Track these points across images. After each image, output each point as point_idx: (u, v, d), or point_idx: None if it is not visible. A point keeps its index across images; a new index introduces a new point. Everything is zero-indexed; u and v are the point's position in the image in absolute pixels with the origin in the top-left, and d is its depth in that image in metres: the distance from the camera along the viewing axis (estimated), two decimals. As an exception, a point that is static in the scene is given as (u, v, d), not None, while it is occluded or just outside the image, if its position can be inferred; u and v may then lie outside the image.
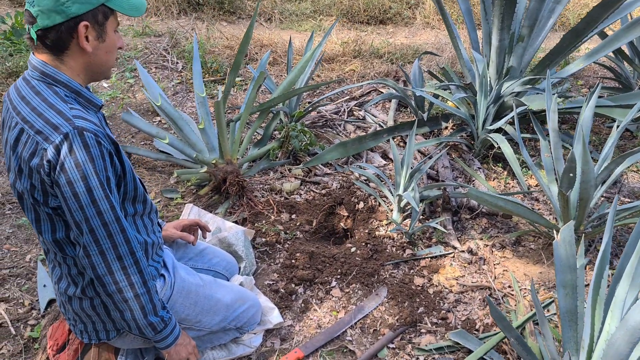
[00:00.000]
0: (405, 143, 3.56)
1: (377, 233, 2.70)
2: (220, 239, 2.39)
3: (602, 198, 2.98)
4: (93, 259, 1.49)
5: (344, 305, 2.30)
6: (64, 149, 1.38)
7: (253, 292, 2.18)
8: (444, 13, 3.67)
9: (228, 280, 2.19)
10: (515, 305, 2.31)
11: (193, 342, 1.80)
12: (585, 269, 2.35)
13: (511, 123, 3.31)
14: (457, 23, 6.26)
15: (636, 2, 3.31)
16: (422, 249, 2.62)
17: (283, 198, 2.96)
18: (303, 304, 2.29)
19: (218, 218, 2.59)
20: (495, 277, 2.48)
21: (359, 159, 3.40)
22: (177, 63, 4.73)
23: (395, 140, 3.55)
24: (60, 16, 1.39)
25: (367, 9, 6.50)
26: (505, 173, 3.27)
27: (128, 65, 4.64)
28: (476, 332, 2.16)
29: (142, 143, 3.51)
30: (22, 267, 2.44)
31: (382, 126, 3.77)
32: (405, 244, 2.63)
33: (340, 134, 3.73)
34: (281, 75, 4.69)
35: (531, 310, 2.24)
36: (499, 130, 3.32)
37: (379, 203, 2.87)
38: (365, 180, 3.12)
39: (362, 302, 2.30)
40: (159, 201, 2.91)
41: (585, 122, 2.54)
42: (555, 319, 2.19)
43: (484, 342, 2.06)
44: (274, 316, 2.13)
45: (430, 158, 3.27)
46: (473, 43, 3.79)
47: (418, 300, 2.31)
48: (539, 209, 2.96)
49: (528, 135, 3.40)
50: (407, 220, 2.76)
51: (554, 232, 2.48)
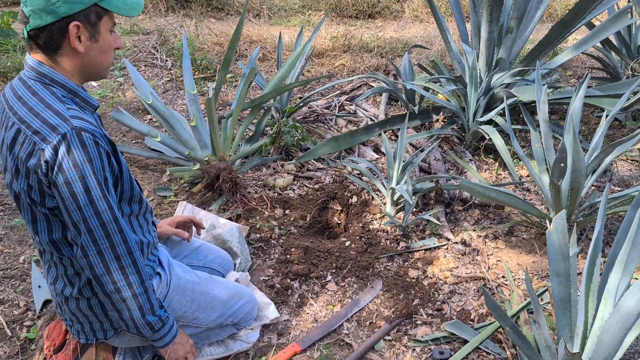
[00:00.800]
0: (397, 136, 3.57)
1: (371, 226, 2.72)
2: (214, 236, 2.39)
3: (593, 187, 3.01)
4: (91, 259, 1.49)
5: (340, 298, 2.31)
6: (62, 149, 1.38)
7: (249, 288, 2.19)
8: (433, 6, 3.68)
9: (224, 276, 2.20)
10: (509, 294, 2.34)
11: (191, 341, 1.80)
12: (577, 258, 2.38)
13: (502, 114, 3.33)
14: (446, 16, 6.28)
15: (623, -8, 3.34)
16: (416, 242, 2.64)
17: (276, 194, 2.97)
18: (299, 299, 2.30)
19: (212, 215, 2.59)
20: (489, 268, 2.50)
21: (351, 153, 3.41)
22: (167, 61, 4.71)
23: (387, 133, 3.56)
24: (50, 16, 1.39)
25: (356, 3, 6.50)
26: (496, 164, 3.29)
27: (117, 63, 4.62)
28: (471, 323, 2.18)
29: (134, 142, 3.50)
30: (16, 269, 2.43)
31: (374, 120, 3.78)
32: (399, 237, 2.64)
33: (331, 129, 3.74)
34: (271, 71, 4.68)
35: (525, 299, 2.27)
36: (490, 121, 3.34)
37: (372, 197, 2.88)
38: (358, 174, 3.13)
39: (358, 296, 2.32)
40: (152, 199, 2.91)
41: (574, 112, 2.56)
42: (549, 308, 2.22)
43: (480, 332, 2.09)
44: (271, 311, 2.13)
45: (422, 151, 3.29)
46: (462, 35, 3.81)
47: (413, 292, 2.33)
48: (531, 199, 2.99)
49: (519, 126, 3.43)
50: (401, 213, 2.78)
51: (546, 222, 2.51)
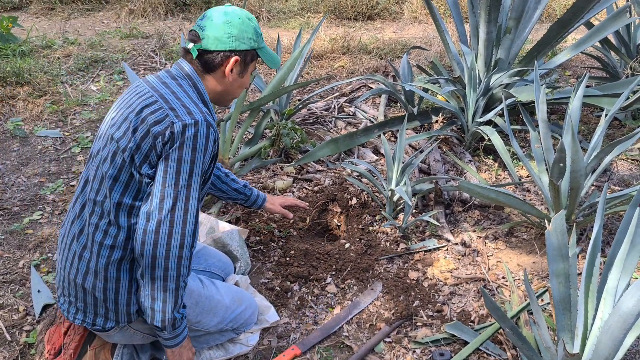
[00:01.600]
0: (396, 138, 3.57)
1: (371, 228, 2.71)
2: (215, 239, 2.39)
3: (593, 187, 3.00)
4: (160, 238, 1.53)
5: (340, 301, 2.30)
6: (190, 131, 1.55)
7: (249, 292, 2.18)
8: (431, 7, 3.68)
9: (224, 280, 2.20)
10: (509, 295, 2.33)
11: (194, 349, 1.81)
12: (577, 258, 2.37)
13: (501, 115, 3.33)
14: (445, 17, 6.28)
15: (621, -8, 3.33)
16: (416, 243, 2.63)
17: (276, 196, 2.96)
18: (299, 301, 2.29)
19: (212, 218, 2.59)
20: (489, 269, 2.49)
21: (351, 155, 3.41)
22: (166, 64, 4.72)
23: (386, 135, 3.56)
24: (222, 45, 1.67)
25: (355, 5, 6.50)
26: (496, 165, 3.29)
27: (116, 67, 4.62)
28: (472, 324, 2.18)
29: (133, 145, 3.50)
30: (16, 273, 2.43)
31: (373, 122, 3.78)
32: (399, 239, 2.64)
33: (331, 131, 3.74)
34: (270, 73, 4.68)
35: (525, 300, 2.26)
36: (489, 122, 3.34)
37: (372, 198, 2.88)
38: (357, 176, 3.13)
39: (358, 298, 2.31)
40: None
41: (574, 112, 2.56)
42: (549, 308, 2.21)
43: (480, 333, 2.08)
44: (270, 314, 2.13)
45: (421, 152, 3.28)
46: (461, 36, 3.81)
47: (413, 293, 2.32)
48: (531, 200, 2.98)
49: (518, 126, 3.42)
50: (400, 214, 2.77)
51: (546, 222, 2.50)
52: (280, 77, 3.32)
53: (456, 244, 2.63)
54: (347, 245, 2.59)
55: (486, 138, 3.12)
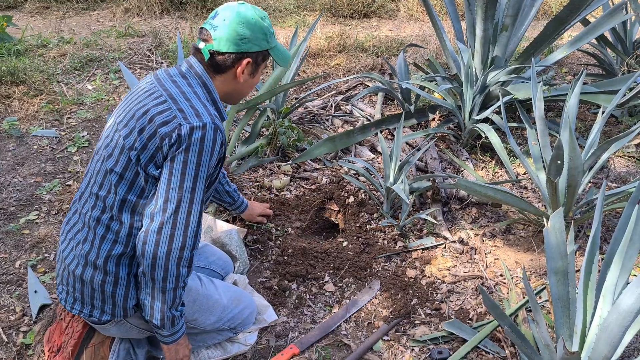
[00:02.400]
0: (393, 136, 3.56)
1: (368, 226, 2.71)
2: (213, 239, 2.38)
3: (590, 184, 3.00)
4: (162, 239, 1.54)
5: (338, 299, 2.30)
6: (197, 134, 1.54)
7: (247, 291, 2.18)
8: (428, 4, 3.67)
9: (223, 279, 2.19)
10: (507, 293, 2.33)
11: (190, 346, 1.80)
12: (575, 255, 2.37)
13: (498, 112, 3.33)
14: (441, 14, 6.27)
15: (617, -11, 3.33)
16: (414, 241, 2.63)
17: (273, 195, 2.96)
18: (297, 300, 2.29)
19: (209, 217, 2.58)
20: (486, 266, 2.49)
21: (348, 153, 3.41)
22: (162, 63, 4.70)
23: (383, 133, 3.56)
24: (234, 47, 1.65)
25: (351, 3, 6.49)
26: (493, 162, 3.29)
27: (112, 66, 4.61)
28: (470, 322, 2.18)
29: (129, 144, 3.49)
30: (12, 274, 2.42)
31: (370, 120, 3.77)
32: (396, 237, 2.64)
33: (328, 129, 3.73)
34: (266, 72, 4.67)
35: (524, 297, 2.26)
36: (486, 120, 3.33)
37: (369, 196, 2.88)
38: (354, 174, 3.12)
39: (356, 296, 2.31)
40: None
41: (570, 109, 2.56)
42: (547, 306, 2.21)
43: (478, 331, 2.08)
44: (269, 314, 2.13)
45: (418, 150, 3.28)
46: (457, 34, 3.80)
47: (411, 292, 2.32)
48: (528, 197, 2.98)
49: (515, 124, 3.42)
50: (398, 212, 2.77)
51: (544, 220, 2.50)
52: (276, 76, 3.31)
53: (454, 242, 2.63)
54: (345, 243, 2.58)
55: (483, 136, 3.12)
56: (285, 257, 2.47)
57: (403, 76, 3.77)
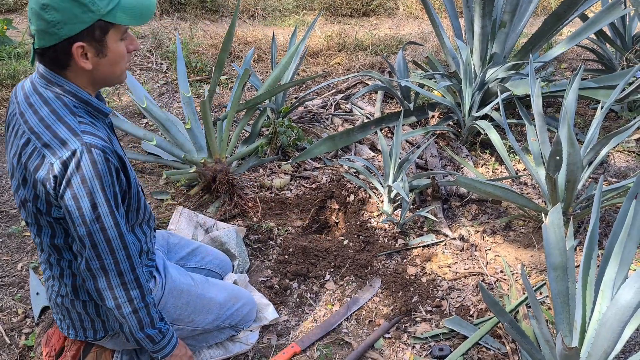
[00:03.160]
0: (392, 134, 3.57)
1: (369, 225, 2.71)
2: (212, 238, 2.39)
3: (590, 179, 3.00)
4: (94, 273, 1.47)
5: (339, 298, 2.31)
6: (72, 166, 1.36)
7: (247, 290, 2.18)
8: (426, 3, 3.67)
9: (222, 278, 2.20)
10: (507, 289, 2.33)
11: (189, 352, 1.79)
12: (575, 251, 2.38)
13: (497, 109, 3.33)
14: (440, 12, 6.27)
15: (615, -16, 3.33)
16: (414, 239, 2.63)
17: (274, 194, 2.96)
18: (298, 299, 2.29)
19: (209, 219, 2.59)
20: (487, 263, 2.50)
21: (348, 152, 3.41)
22: (162, 64, 4.71)
23: (382, 131, 3.56)
24: (53, 38, 1.34)
25: (350, 2, 6.49)
26: (492, 159, 3.29)
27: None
28: (471, 318, 2.18)
29: (130, 146, 3.50)
30: (14, 276, 2.43)
31: (369, 118, 3.78)
32: (397, 234, 2.64)
33: (327, 128, 3.74)
34: (266, 71, 4.68)
35: (524, 293, 2.27)
36: (485, 116, 3.34)
37: (369, 195, 2.88)
38: (354, 172, 3.13)
39: (357, 294, 2.31)
40: (150, 203, 2.90)
41: (569, 105, 2.56)
42: (547, 302, 2.22)
43: (479, 328, 2.09)
44: (270, 312, 2.13)
45: (418, 147, 3.28)
46: (456, 31, 3.80)
47: (412, 289, 2.32)
48: (528, 193, 2.99)
49: (514, 120, 3.42)
50: (398, 210, 2.77)
51: (543, 216, 2.50)
52: (276, 75, 3.32)
53: (454, 239, 2.63)
54: (346, 242, 2.59)
55: (482, 132, 3.12)
56: (286, 256, 2.47)
57: (402, 74, 3.77)
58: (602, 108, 2.57)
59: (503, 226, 2.73)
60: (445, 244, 2.61)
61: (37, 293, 2.28)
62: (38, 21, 1.33)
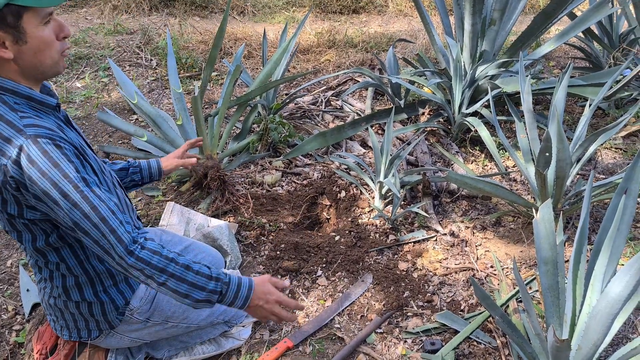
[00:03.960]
0: (383, 130, 3.58)
1: (360, 220, 2.72)
2: (204, 234, 2.39)
3: (578, 176, 3.04)
4: (102, 251, 1.41)
5: (331, 293, 2.32)
6: (24, 162, 1.31)
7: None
8: (416, 0, 3.69)
9: (214, 274, 2.19)
10: (498, 284, 2.36)
11: (269, 288, 1.62)
12: (564, 246, 2.40)
13: (487, 106, 3.35)
14: (430, 9, 6.30)
15: (603, -18, 3.37)
16: (405, 234, 2.65)
17: (265, 190, 2.97)
18: (290, 295, 2.30)
19: (201, 215, 2.58)
20: (477, 258, 2.52)
21: (339, 148, 3.42)
22: (151, 60, 4.69)
23: (373, 128, 3.57)
24: None
25: (340, -1, 6.50)
26: (482, 156, 3.32)
27: (101, 64, 4.58)
28: (461, 313, 2.20)
29: (120, 142, 3.48)
30: (4, 273, 2.41)
31: (360, 115, 3.79)
32: (388, 230, 2.66)
33: (318, 125, 3.74)
34: (257, 68, 4.67)
35: (514, 288, 2.29)
36: (475, 113, 3.36)
37: (361, 191, 2.89)
38: (345, 169, 3.14)
39: (349, 290, 2.32)
40: (140, 199, 2.90)
41: (558, 102, 2.59)
42: (537, 296, 2.24)
43: (470, 322, 2.10)
44: (262, 308, 2.13)
45: (409, 144, 3.30)
46: (446, 28, 3.82)
47: (403, 284, 2.34)
48: (517, 189, 3.01)
49: (504, 117, 3.45)
50: (389, 206, 2.79)
51: (533, 211, 2.53)
52: (267, 72, 3.32)
53: (445, 235, 2.65)
54: (337, 237, 2.60)
55: (473, 129, 3.15)
56: (278, 252, 2.48)
57: (393, 71, 3.78)
58: (590, 105, 2.60)
59: (493, 222, 2.75)
60: (436, 240, 2.63)
61: (28, 290, 2.26)
62: None
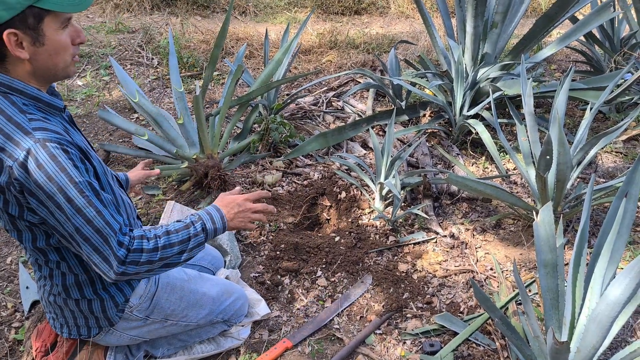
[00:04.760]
0: (384, 132, 3.58)
1: (360, 222, 2.73)
2: (204, 234, 2.38)
3: (578, 179, 3.04)
4: (99, 263, 1.43)
5: (330, 294, 2.32)
6: (31, 165, 1.31)
7: (239, 285, 2.19)
8: (418, 1, 3.69)
9: (214, 274, 2.20)
10: (497, 286, 2.36)
11: (237, 199, 1.71)
12: (564, 249, 2.41)
13: (488, 109, 3.35)
14: (432, 11, 6.30)
15: (605, -14, 3.37)
16: (405, 236, 2.65)
17: (265, 190, 2.96)
18: (289, 295, 2.30)
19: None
20: (477, 261, 2.52)
21: (340, 149, 3.42)
22: (153, 59, 4.69)
23: (374, 129, 3.57)
24: None
25: (341, 0, 6.50)
26: (483, 158, 3.32)
27: (102, 62, 4.58)
28: (461, 315, 2.20)
29: (121, 140, 3.48)
30: (3, 270, 2.41)
31: (361, 116, 3.79)
32: (388, 231, 2.66)
33: (319, 125, 3.74)
34: (258, 68, 4.67)
35: (513, 290, 2.29)
36: (476, 116, 3.36)
37: (361, 192, 2.89)
38: (346, 169, 3.14)
39: (348, 290, 2.33)
40: (141, 198, 2.90)
41: (559, 105, 2.59)
42: (537, 299, 2.24)
43: (469, 324, 2.10)
44: (261, 308, 2.14)
45: (409, 146, 3.30)
46: (448, 31, 3.83)
47: (403, 286, 2.34)
48: (518, 192, 3.02)
49: (505, 120, 3.45)
50: (389, 207, 2.79)
51: (533, 214, 2.53)
52: (268, 72, 3.32)
53: (445, 237, 2.65)
54: (337, 238, 2.60)
55: (474, 131, 3.15)
56: (277, 252, 2.48)
57: (394, 73, 3.79)
58: (591, 109, 2.60)
59: (493, 224, 2.75)
60: (436, 242, 2.63)
61: (27, 287, 2.26)
62: None
